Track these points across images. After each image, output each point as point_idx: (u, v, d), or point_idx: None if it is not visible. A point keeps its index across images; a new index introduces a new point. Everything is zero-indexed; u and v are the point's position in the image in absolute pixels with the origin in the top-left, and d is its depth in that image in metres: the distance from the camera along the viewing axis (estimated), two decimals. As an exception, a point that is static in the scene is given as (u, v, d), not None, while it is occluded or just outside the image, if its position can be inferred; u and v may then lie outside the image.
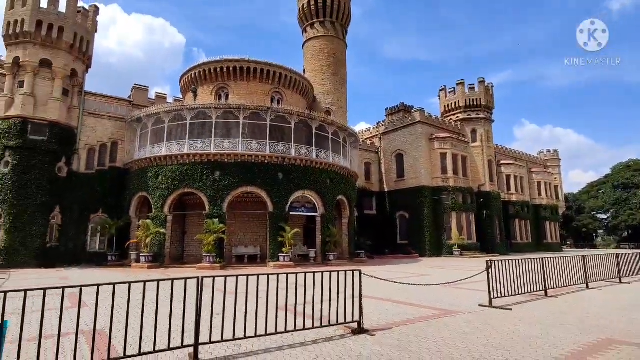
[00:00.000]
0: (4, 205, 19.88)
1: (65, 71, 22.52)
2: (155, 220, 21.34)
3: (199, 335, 5.04)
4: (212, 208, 21.03)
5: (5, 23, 21.88)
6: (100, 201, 23.47)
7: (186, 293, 5.12)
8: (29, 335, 5.85)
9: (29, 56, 21.47)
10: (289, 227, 21.47)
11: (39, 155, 20.97)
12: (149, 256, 20.46)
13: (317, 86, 34.45)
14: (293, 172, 22.74)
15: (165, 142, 22.55)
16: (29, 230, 20.10)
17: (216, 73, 28.16)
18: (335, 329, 6.48)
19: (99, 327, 5.33)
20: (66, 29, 22.38)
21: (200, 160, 21.57)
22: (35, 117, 21.16)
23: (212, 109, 22.32)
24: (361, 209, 35.14)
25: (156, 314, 4.89)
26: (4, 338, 4.16)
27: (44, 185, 20.88)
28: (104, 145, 24.38)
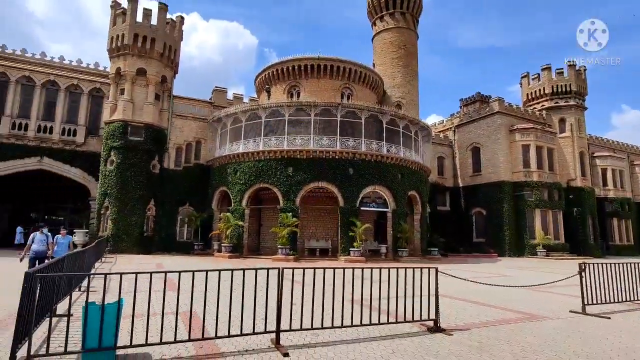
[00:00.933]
0: (110, 199, 22.80)
1: (157, 78, 24.99)
2: (234, 213, 22.87)
3: (280, 322, 5.41)
4: (286, 202, 21.93)
5: (109, 38, 24.90)
6: (187, 195, 25.74)
7: (268, 283, 5.52)
8: (131, 312, 6.75)
9: (128, 66, 24.21)
10: (359, 222, 21.60)
11: (137, 154, 23.62)
12: (229, 246, 22.03)
13: (387, 80, 33.92)
14: (363, 167, 22.77)
15: (242, 140, 23.98)
16: (130, 220, 22.81)
17: (288, 72, 29.13)
18: (411, 326, 6.49)
19: (187, 310, 5.97)
20: (157, 40, 24.81)
21: (274, 157, 22.57)
22: (133, 120, 23.84)
23: (285, 107, 23.18)
24: (434, 204, 34.00)
25: (242, 301, 5.36)
26: (120, 313, 4.89)
27: (141, 181, 23.50)
28: (189, 144, 26.67)
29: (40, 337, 5.59)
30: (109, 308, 4.67)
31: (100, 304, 4.65)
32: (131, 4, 24.62)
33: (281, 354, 4.96)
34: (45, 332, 5.61)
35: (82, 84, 25.85)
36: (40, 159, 24.24)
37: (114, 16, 25.07)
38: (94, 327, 4.56)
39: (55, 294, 6.17)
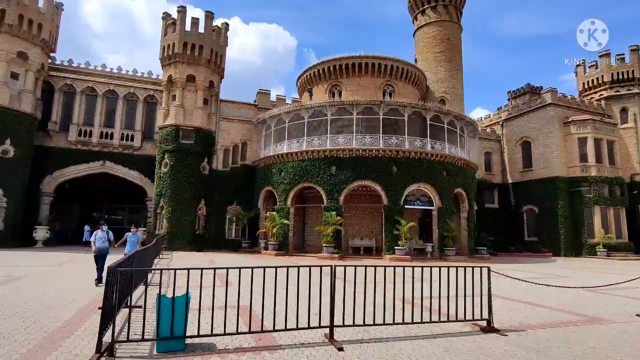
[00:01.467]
0: (165, 199, 24.27)
1: (205, 83, 26.20)
2: (279, 212, 23.50)
3: (333, 317, 5.63)
4: (329, 201, 22.20)
5: (161, 48, 26.46)
6: (234, 195, 26.79)
7: (321, 279, 5.75)
8: (196, 305, 7.26)
9: (178, 73, 25.60)
10: (404, 221, 21.41)
11: (188, 157, 24.94)
12: (275, 244, 22.68)
13: (430, 75, 33.20)
14: (407, 165, 22.53)
15: (286, 141, 24.56)
16: (183, 219, 24.14)
17: (329, 72, 29.40)
18: (462, 325, 6.46)
19: (245, 304, 6.31)
20: (205, 47, 26.00)
21: (318, 156, 22.91)
22: (184, 125, 25.19)
23: (327, 106, 23.45)
24: (481, 202, 32.83)
25: (297, 297, 5.62)
26: (189, 305, 5.33)
27: (192, 182, 24.79)
28: (236, 146, 27.73)
29: (117, 325, 6.21)
30: (178, 300, 5.12)
31: (170, 297, 5.12)
32: (180, 14, 25.97)
33: (336, 348, 5.17)
34: (121, 321, 6.24)
35: (138, 92, 27.64)
36: (103, 162, 26.26)
37: (165, 27, 26.59)
38: (166, 318, 5.02)
39: (129, 287, 6.82)
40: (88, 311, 7.29)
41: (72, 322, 6.54)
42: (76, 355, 4.87)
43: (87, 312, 7.25)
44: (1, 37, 22.03)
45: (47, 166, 24.83)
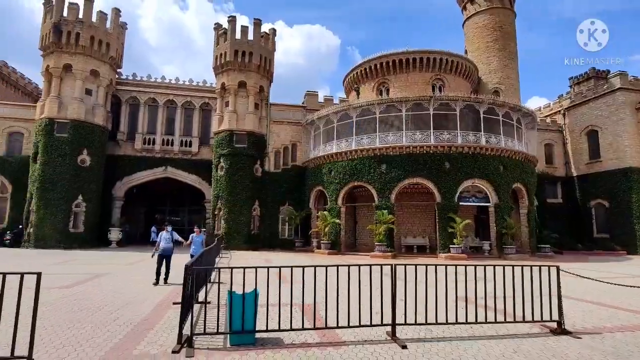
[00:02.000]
0: (222, 201, 25.51)
1: (256, 88, 27.15)
2: (331, 212, 23.78)
3: (395, 316, 5.71)
4: (381, 199, 22.09)
5: (214, 57, 27.82)
6: (286, 195, 27.50)
7: (374, 278, 5.85)
8: (262, 301, 7.64)
9: (231, 80, 26.75)
10: (458, 218, 20.78)
11: (242, 160, 25.99)
12: (327, 243, 23.00)
13: (482, 66, 31.82)
14: (460, 160, 21.81)
15: (335, 140, 24.78)
16: (239, 220, 25.21)
17: (375, 70, 29.19)
18: (530, 327, 6.26)
19: (306, 301, 6.56)
20: (254, 53, 26.94)
21: (367, 155, 22.88)
22: (237, 129, 26.29)
23: (375, 104, 23.34)
24: (542, 197, 30.85)
25: (359, 294, 5.77)
26: (257, 301, 5.67)
27: (246, 184, 25.81)
28: (286, 148, 28.44)
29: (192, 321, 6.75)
30: (248, 297, 5.48)
31: (240, 294, 5.49)
32: (230, 23, 27.14)
33: (399, 346, 5.25)
34: (195, 315, 6.76)
35: (194, 100, 29.27)
36: (165, 168, 28.13)
37: (217, 37, 27.91)
38: (237, 313, 5.40)
39: (200, 284, 7.37)
40: (163, 307, 7.96)
41: (151, 316, 7.19)
42: (161, 345, 5.38)
43: (163, 307, 7.92)
44: (77, 58, 24.38)
45: (118, 173, 27.06)
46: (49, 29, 24.30)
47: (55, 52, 24.23)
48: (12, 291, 4.64)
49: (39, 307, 4.49)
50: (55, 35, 24.06)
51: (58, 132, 23.68)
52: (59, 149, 23.53)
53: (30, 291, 4.54)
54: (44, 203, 22.80)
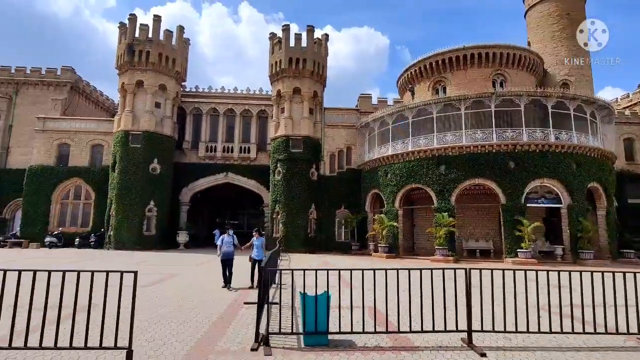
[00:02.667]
0: (279, 205, 26.22)
1: (310, 93, 27.64)
2: (387, 215, 23.49)
3: (471, 322, 5.52)
4: (440, 202, 21.41)
5: (269, 66, 28.78)
6: (342, 198, 27.60)
7: (456, 283, 5.68)
8: (339, 303, 7.74)
9: (286, 87, 27.49)
10: (526, 221, 19.51)
11: (298, 164, 26.54)
12: (385, 247, 22.72)
13: (548, 57, 29.75)
14: (526, 159, 20.51)
15: (390, 142, 24.47)
16: (297, 223, 25.73)
17: (431, 68, 28.42)
18: (624, 339, 5.73)
19: (371, 304, 6.53)
20: (308, 60, 27.47)
21: (425, 156, 22.31)
22: (293, 135, 26.91)
23: (432, 104, 22.72)
24: (623, 197, 28.02)
25: (432, 299, 5.66)
26: (329, 303, 5.77)
27: (303, 188, 26.30)
28: (341, 151, 28.59)
29: (262, 320, 7.02)
30: (320, 299, 5.61)
31: (312, 295, 5.63)
32: (284, 32, 27.92)
33: (477, 353, 5.07)
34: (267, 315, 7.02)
35: (252, 108, 30.47)
36: (226, 174, 29.52)
37: (272, 46, 28.86)
38: (310, 314, 5.54)
39: (269, 285, 7.65)
40: (236, 306, 8.37)
41: (225, 314, 7.59)
42: (239, 342, 5.68)
43: (235, 306, 8.33)
44: (147, 74, 26.49)
45: (184, 179, 28.87)
46: (123, 49, 26.66)
47: (129, 70, 26.52)
48: (99, 288, 5.15)
49: (124, 302, 4.96)
50: (129, 55, 26.33)
51: (132, 142, 25.84)
52: (133, 158, 25.66)
53: (115, 288, 5.03)
54: (121, 208, 24.96)
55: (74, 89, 32.19)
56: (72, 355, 4.92)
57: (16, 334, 4.85)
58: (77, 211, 28.00)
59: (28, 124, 29.82)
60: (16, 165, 29.39)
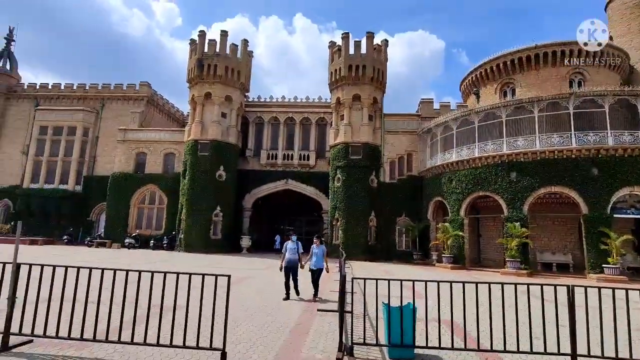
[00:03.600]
0: (339, 212, 26.27)
1: (369, 100, 27.51)
2: (452, 224, 22.53)
3: (575, 345, 5.03)
4: (511, 211, 20.11)
5: (329, 74, 29.13)
6: (402, 206, 26.98)
7: (557, 300, 5.22)
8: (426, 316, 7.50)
9: (345, 94, 27.62)
10: (613, 233, 17.66)
11: (358, 171, 26.44)
12: (450, 257, 21.80)
13: (635, 53, 27.00)
14: (613, 165, 18.63)
15: (455, 148, 23.54)
16: (356, 230, 25.58)
17: (498, 70, 27.02)
18: None
19: (445, 318, 6.20)
20: (367, 67, 27.41)
21: (493, 162, 21.16)
22: (353, 141, 26.91)
23: (501, 107, 21.52)
24: None
25: (529, 317, 5.24)
26: (415, 316, 5.57)
27: (362, 195, 26.12)
28: (401, 158, 28.04)
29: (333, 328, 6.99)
30: (405, 310, 5.45)
31: (397, 306, 5.48)
32: (344, 40, 28.13)
33: (586, 380, 4.61)
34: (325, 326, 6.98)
35: (311, 115, 31.00)
36: (286, 181, 30.23)
37: (331, 54, 29.21)
38: (396, 326, 5.40)
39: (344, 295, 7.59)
40: (310, 312, 8.44)
41: (302, 321, 7.67)
42: (322, 351, 5.68)
43: (310, 312, 8.40)
44: (215, 86, 28.06)
45: (246, 186, 30.02)
46: (194, 64, 28.50)
47: (198, 83, 28.27)
48: (181, 289, 5.40)
49: (207, 304, 5.17)
50: (199, 69, 28.09)
51: (201, 151, 27.42)
52: (202, 165, 27.19)
53: (200, 290, 5.26)
54: (191, 213, 26.52)
55: (149, 102, 34.97)
56: (169, 353, 5.23)
57: (111, 331, 5.26)
58: (152, 215, 30.23)
59: (111, 135, 32.86)
60: (102, 172, 32.47)
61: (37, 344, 5.40)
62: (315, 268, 10.19)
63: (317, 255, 10.28)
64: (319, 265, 10.22)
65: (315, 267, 10.20)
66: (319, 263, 10.24)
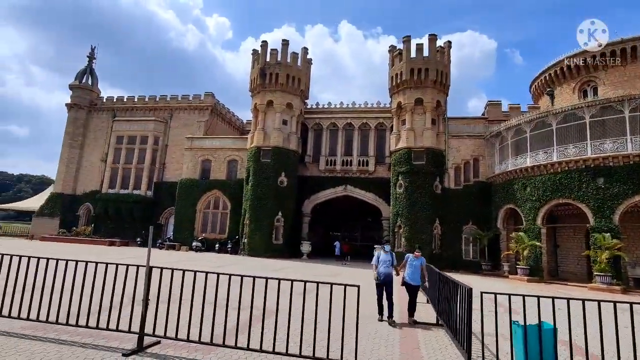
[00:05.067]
0: (402, 218, 25.61)
1: (432, 104, 26.67)
2: (527, 233, 21.11)
3: None
4: (599, 220, 18.43)
5: (389, 78, 28.70)
6: (469, 213, 25.76)
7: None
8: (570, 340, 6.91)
9: (407, 99, 27.00)
10: None
11: (421, 177, 25.65)
12: (525, 269, 20.39)
13: None
14: None
15: (529, 152, 22.10)
16: (420, 238, 24.71)
17: (577, 68, 25.09)
18: None
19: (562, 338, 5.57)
20: (430, 69, 26.64)
21: (576, 167, 19.57)
22: (415, 147, 26.19)
23: (584, 107, 19.88)
24: None
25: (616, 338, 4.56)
26: (556, 339, 5.06)
27: (426, 201, 25.28)
28: (467, 163, 26.85)
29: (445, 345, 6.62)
30: (545, 332, 4.98)
31: (533, 324, 5.02)
32: (405, 44, 27.59)
33: None
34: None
35: (369, 121, 30.69)
36: (345, 187, 30.08)
37: (391, 59, 28.77)
38: (533, 350, 4.92)
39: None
40: (411, 336, 8.13)
41: (405, 335, 7.39)
42: (446, 369, 5.35)
43: (411, 337, 8.09)
44: (276, 94, 28.70)
45: (305, 192, 30.27)
46: (256, 73, 29.37)
47: (261, 92, 29.07)
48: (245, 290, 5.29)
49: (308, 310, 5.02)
50: (261, 78, 28.89)
51: (263, 157, 28.09)
52: (264, 172, 27.83)
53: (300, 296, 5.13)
54: (254, 218, 27.18)
55: (213, 112, 36.54)
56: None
57: (216, 337, 5.30)
58: (216, 219, 31.38)
59: (179, 143, 34.70)
60: (170, 178, 34.36)
61: (166, 345, 5.59)
62: (414, 284, 8.69)
63: (414, 268, 8.77)
64: (417, 280, 8.73)
65: (414, 283, 8.70)
66: (416, 277, 8.72)
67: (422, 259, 9.07)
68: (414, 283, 8.71)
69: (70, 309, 5.83)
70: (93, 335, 5.80)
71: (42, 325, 6.04)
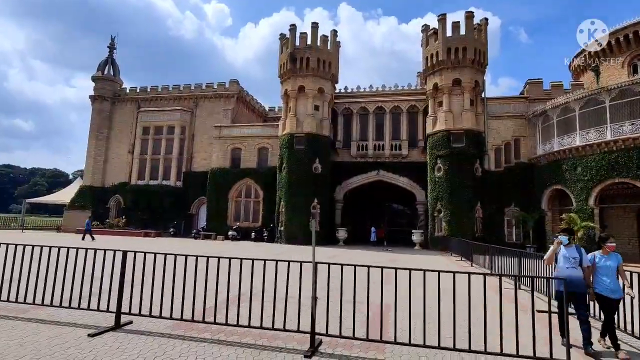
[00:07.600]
0: (442, 202, 25.15)
1: (471, 84, 25.86)
2: (579, 214, 20.54)
3: None
4: (661, 200, 17.81)
5: (424, 59, 27.85)
6: (511, 195, 25.20)
7: None
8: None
9: (444, 80, 26.22)
10: None
11: (461, 159, 25.06)
12: (578, 251, 19.86)
13: None
14: None
15: (578, 132, 21.36)
16: (462, 222, 24.32)
17: (626, 42, 24.03)
18: None
19: None
20: (469, 48, 25.75)
21: (634, 145, 18.83)
22: (454, 129, 25.52)
23: (640, 83, 19.04)
24: None
25: None
26: None
27: (467, 184, 24.75)
28: (507, 144, 26.16)
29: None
30: None
31: None
32: (441, 22, 26.66)
33: None
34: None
35: (401, 104, 29.95)
36: (377, 172, 29.59)
37: (425, 38, 27.85)
38: None
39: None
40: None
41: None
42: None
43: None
44: (308, 79, 28.08)
45: (338, 178, 29.83)
46: (286, 58, 28.70)
47: (291, 77, 28.45)
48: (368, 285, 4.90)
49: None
50: (292, 63, 28.23)
51: (297, 144, 27.65)
52: (298, 159, 27.43)
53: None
54: (290, 206, 26.92)
55: (239, 99, 36.03)
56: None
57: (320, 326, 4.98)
58: (249, 208, 31.23)
59: (205, 132, 34.39)
60: (198, 168, 34.16)
61: (334, 344, 5.30)
62: (615, 297, 5.58)
63: (612, 270, 5.64)
64: (619, 292, 5.59)
65: (615, 297, 5.58)
66: (617, 287, 5.59)
67: (619, 257, 5.77)
68: (615, 297, 5.59)
69: (204, 305, 5.55)
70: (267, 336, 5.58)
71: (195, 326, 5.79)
